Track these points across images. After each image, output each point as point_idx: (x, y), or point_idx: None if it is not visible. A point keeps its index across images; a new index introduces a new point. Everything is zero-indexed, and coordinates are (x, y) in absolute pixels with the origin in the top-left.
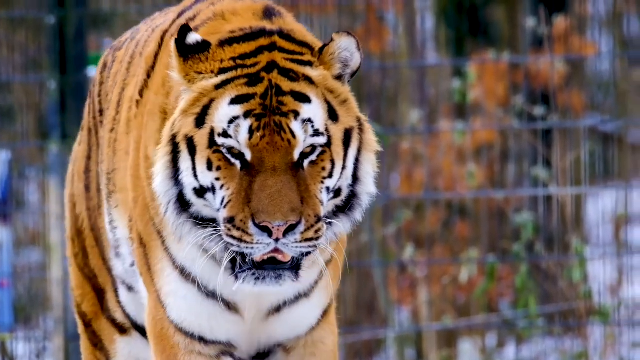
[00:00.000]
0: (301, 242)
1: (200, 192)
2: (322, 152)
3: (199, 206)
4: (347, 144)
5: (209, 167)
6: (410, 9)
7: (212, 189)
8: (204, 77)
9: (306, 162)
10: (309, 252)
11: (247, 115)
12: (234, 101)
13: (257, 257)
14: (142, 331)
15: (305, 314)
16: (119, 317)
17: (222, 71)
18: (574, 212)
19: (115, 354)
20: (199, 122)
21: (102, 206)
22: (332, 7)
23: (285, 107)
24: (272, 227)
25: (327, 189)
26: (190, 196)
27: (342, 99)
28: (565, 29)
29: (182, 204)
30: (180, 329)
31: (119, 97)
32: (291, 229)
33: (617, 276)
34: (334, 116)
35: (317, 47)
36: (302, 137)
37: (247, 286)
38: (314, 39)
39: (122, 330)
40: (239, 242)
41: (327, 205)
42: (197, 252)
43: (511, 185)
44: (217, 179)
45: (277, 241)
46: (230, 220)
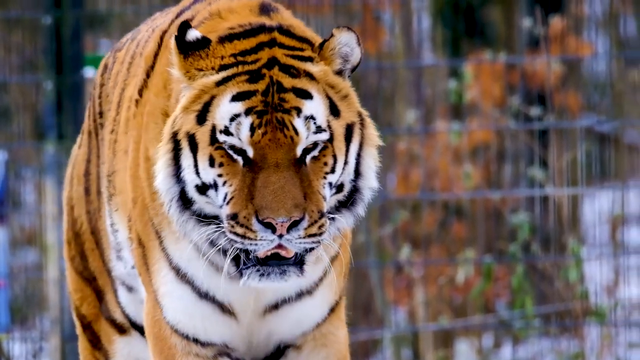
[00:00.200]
0: (305, 237)
1: (202, 189)
2: (324, 148)
3: (201, 203)
4: (348, 139)
5: (211, 163)
6: (406, 9)
7: (215, 186)
8: (205, 73)
9: (308, 158)
10: (313, 248)
11: (248, 112)
12: (235, 98)
13: (260, 254)
14: (141, 331)
15: (308, 311)
16: (118, 317)
17: (223, 68)
18: (570, 212)
19: (114, 354)
20: (200, 119)
21: (103, 209)
22: (329, 7)
23: (287, 103)
24: (276, 224)
25: (330, 184)
26: (192, 193)
27: (343, 94)
28: (561, 30)
29: (185, 202)
30: (176, 330)
31: (120, 97)
32: (295, 225)
33: (613, 277)
34: (335, 112)
35: (317, 42)
36: (305, 134)
37: (252, 282)
38: (313, 34)
39: (121, 330)
40: (243, 238)
41: (329, 200)
42: (193, 252)
43: (507, 185)
44: (220, 176)
45: (280, 237)
46: (233, 216)
